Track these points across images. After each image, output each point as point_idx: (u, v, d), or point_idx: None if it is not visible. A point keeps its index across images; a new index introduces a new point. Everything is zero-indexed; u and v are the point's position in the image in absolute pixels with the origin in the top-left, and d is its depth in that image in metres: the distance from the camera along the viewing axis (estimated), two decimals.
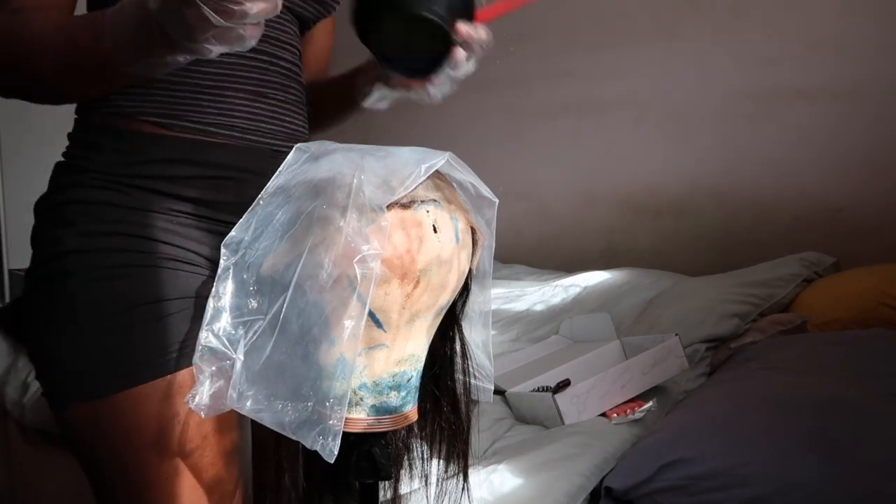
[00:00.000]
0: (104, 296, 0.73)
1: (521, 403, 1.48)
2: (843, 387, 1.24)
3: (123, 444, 0.73)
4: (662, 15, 2.43)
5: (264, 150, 0.80)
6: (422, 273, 0.64)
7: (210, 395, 0.65)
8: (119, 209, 0.75)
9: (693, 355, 1.62)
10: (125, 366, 0.72)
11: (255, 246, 0.67)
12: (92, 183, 0.75)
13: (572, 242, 2.67)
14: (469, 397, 0.80)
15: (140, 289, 0.73)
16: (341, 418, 0.61)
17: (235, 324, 0.66)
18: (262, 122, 0.80)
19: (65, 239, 0.74)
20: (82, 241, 0.74)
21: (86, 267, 0.73)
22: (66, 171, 0.78)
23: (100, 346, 0.72)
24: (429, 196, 0.66)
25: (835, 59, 2.16)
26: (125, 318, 0.73)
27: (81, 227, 0.74)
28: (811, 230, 2.21)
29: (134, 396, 0.72)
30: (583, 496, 1.16)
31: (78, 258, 0.73)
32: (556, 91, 2.64)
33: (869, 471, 1.02)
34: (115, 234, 0.74)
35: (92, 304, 0.73)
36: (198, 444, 0.74)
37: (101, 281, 0.73)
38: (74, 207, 0.75)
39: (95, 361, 0.73)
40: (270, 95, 0.81)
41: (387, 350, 0.66)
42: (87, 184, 0.75)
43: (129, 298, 0.73)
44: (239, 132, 0.79)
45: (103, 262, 0.73)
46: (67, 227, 0.74)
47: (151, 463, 0.73)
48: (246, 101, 0.79)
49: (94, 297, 0.73)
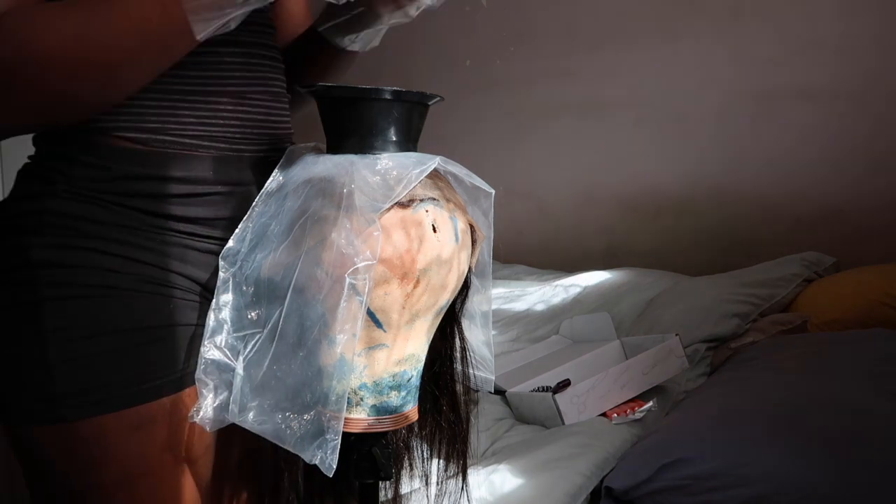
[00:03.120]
0: (76, 316, 0.66)
1: (521, 403, 1.48)
2: (843, 387, 1.24)
3: (78, 473, 0.68)
4: (662, 15, 2.43)
5: (251, 159, 0.74)
6: (422, 273, 0.64)
7: (214, 407, 0.65)
8: (96, 224, 0.67)
9: (693, 355, 1.62)
10: (93, 393, 0.66)
11: (252, 257, 0.67)
12: (67, 195, 0.67)
13: (572, 242, 2.67)
14: (469, 397, 0.80)
15: (115, 312, 0.67)
16: (341, 420, 0.61)
17: (236, 337, 0.66)
18: (248, 128, 0.74)
19: (34, 249, 0.66)
20: (55, 253, 0.67)
21: (57, 283, 0.66)
22: (38, 179, 0.69)
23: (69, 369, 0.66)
24: (427, 194, 0.66)
25: (835, 59, 2.16)
26: (96, 344, 0.66)
27: (55, 240, 0.67)
28: (811, 230, 2.21)
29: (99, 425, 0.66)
30: (583, 496, 1.16)
31: (49, 272, 0.66)
32: (556, 91, 2.64)
33: (869, 471, 1.02)
34: (93, 251, 0.67)
35: (62, 324, 0.66)
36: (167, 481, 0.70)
37: (77, 299, 0.66)
38: (48, 218, 0.67)
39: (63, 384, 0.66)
40: (255, 95, 0.75)
41: (387, 350, 0.66)
42: (61, 195, 0.67)
43: (103, 322, 0.67)
44: (224, 142, 0.72)
45: (77, 279, 0.66)
46: (39, 236, 0.67)
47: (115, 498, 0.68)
48: (230, 105, 0.72)
49: (66, 315, 0.66)
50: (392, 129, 0.67)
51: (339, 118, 0.68)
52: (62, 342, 0.66)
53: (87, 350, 0.66)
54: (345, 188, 0.63)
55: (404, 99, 0.66)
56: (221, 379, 0.66)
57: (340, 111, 0.67)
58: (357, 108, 0.66)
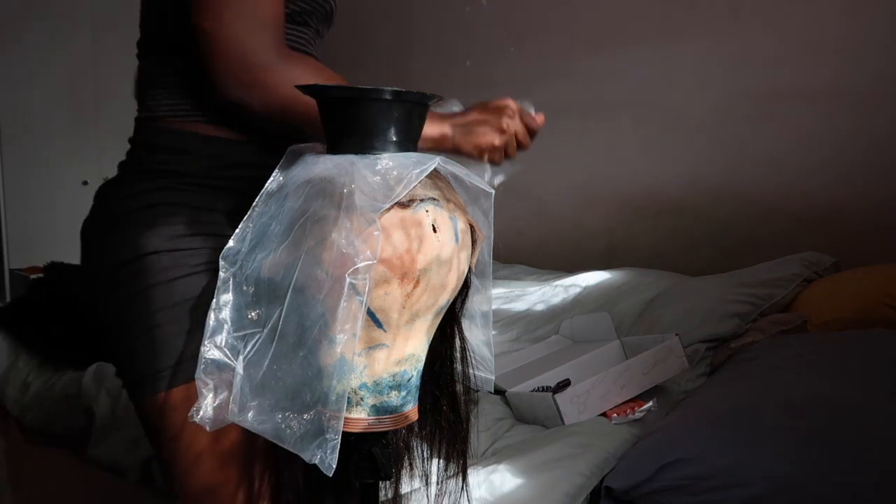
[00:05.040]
0: (189, 291, 0.79)
1: (521, 403, 1.48)
2: (843, 387, 1.24)
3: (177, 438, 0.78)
4: (662, 15, 2.43)
5: None
6: (422, 273, 0.64)
7: (214, 407, 0.65)
8: (207, 212, 0.82)
9: (693, 355, 1.62)
10: (187, 362, 0.78)
11: (252, 257, 0.68)
12: (183, 187, 0.82)
13: (572, 242, 2.68)
14: (468, 396, 0.80)
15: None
16: (341, 419, 0.61)
17: (236, 337, 0.66)
18: None
19: (150, 240, 0.80)
20: (167, 242, 0.80)
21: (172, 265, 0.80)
22: (145, 176, 0.83)
23: (173, 343, 0.78)
24: (427, 194, 0.66)
25: (835, 60, 2.15)
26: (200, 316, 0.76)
27: (167, 230, 0.80)
28: (811, 230, 2.21)
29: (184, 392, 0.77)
30: (583, 496, 1.16)
31: (159, 258, 0.79)
32: (556, 91, 2.64)
33: (869, 471, 1.02)
34: (199, 235, 0.81)
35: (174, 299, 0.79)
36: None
37: (188, 276, 0.80)
38: (161, 209, 0.81)
39: (178, 354, 0.78)
40: None
41: (387, 350, 0.66)
42: (178, 188, 0.82)
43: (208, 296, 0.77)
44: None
45: (188, 260, 0.80)
46: (151, 228, 0.81)
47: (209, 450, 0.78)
48: None
49: (179, 292, 0.79)
50: (392, 129, 0.67)
51: (340, 118, 0.68)
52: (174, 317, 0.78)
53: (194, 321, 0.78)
54: (345, 188, 0.63)
55: (404, 99, 0.66)
56: (221, 378, 0.66)
57: (340, 111, 0.67)
58: (357, 108, 0.66)
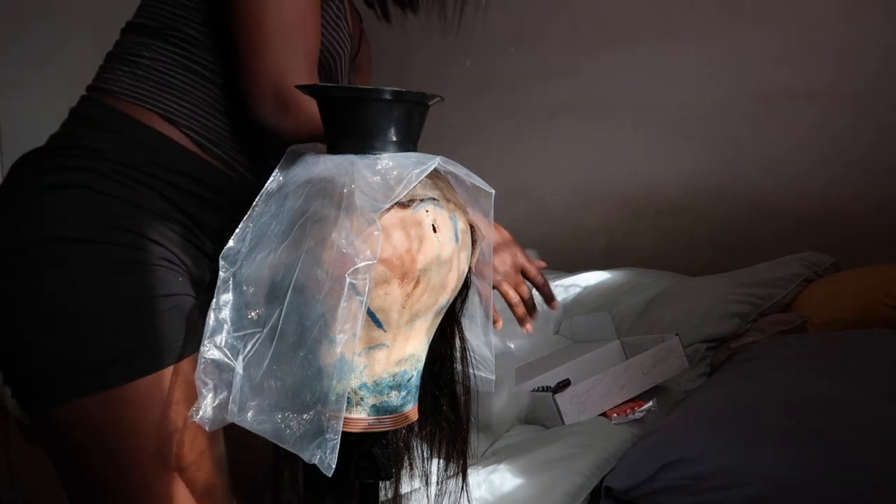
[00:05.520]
0: (112, 291, 0.75)
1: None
2: (844, 387, 1.24)
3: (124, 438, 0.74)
4: (662, 15, 2.42)
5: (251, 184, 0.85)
6: (422, 273, 0.64)
7: (214, 407, 0.65)
8: (126, 204, 0.77)
9: (693, 355, 1.62)
10: (129, 359, 0.74)
11: (252, 256, 0.67)
12: (104, 171, 0.77)
13: (572, 242, 2.67)
14: (469, 396, 0.80)
15: (144, 285, 0.76)
16: (341, 419, 0.61)
17: (236, 336, 0.66)
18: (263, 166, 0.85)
19: (67, 223, 0.75)
20: (87, 229, 0.75)
21: (90, 259, 0.75)
22: (72, 153, 0.79)
23: (106, 340, 0.74)
24: (427, 194, 0.66)
25: (835, 60, 2.15)
26: (131, 312, 0.75)
27: (87, 215, 0.76)
28: (811, 230, 2.21)
29: (138, 388, 0.74)
30: (583, 496, 1.16)
31: (81, 248, 0.75)
32: (556, 91, 2.64)
33: (869, 471, 1.02)
34: (121, 230, 0.76)
35: (99, 297, 0.74)
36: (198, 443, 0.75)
37: (110, 276, 0.75)
38: (82, 192, 0.76)
39: (99, 355, 0.74)
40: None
41: (387, 350, 0.66)
42: (99, 171, 0.77)
43: (135, 294, 0.75)
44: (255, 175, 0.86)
45: (110, 255, 0.75)
46: (72, 211, 0.76)
47: (151, 459, 0.74)
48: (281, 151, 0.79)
49: (101, 291, 0.75)
50: (392, 129, 0.67)
51: (340, 118, 0.68)
52: (100, 316, 0.74)
53: (126, 318, 0.75)
54: (345, 188, 0.63)
55: (404, 99, 0.66)
56: (221, 378, 0.66)
57: (340, 111, 0.67)
58: (357, 108, 0.66)
